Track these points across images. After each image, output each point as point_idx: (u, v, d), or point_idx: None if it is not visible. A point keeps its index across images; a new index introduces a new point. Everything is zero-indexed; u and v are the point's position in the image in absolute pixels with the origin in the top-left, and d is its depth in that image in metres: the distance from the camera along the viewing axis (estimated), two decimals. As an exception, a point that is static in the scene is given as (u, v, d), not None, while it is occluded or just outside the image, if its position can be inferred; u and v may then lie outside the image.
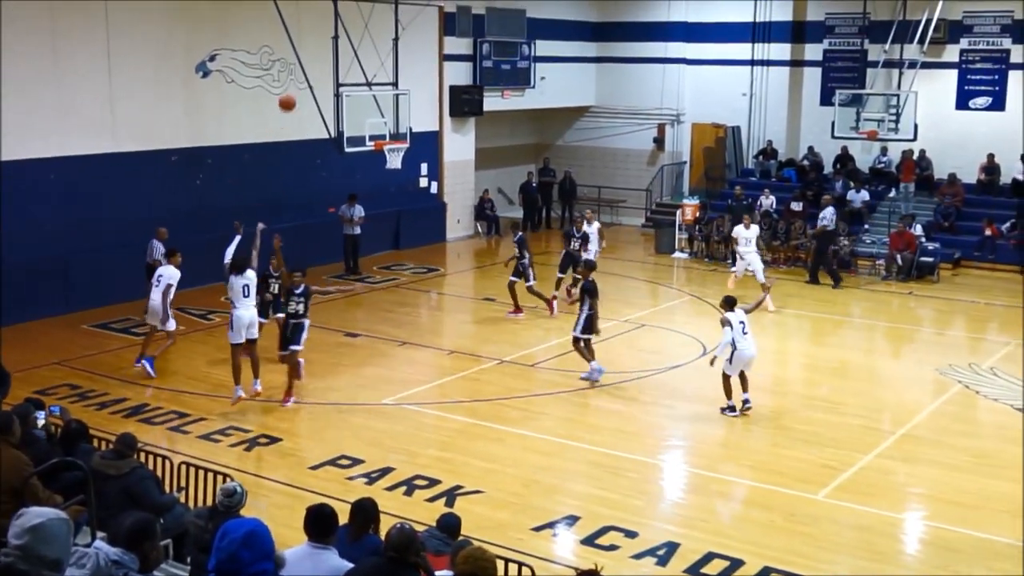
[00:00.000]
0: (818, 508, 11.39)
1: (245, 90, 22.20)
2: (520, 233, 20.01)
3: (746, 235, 21.52)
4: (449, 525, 7.83)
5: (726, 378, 14.25)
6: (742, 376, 14.33)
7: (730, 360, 14.15)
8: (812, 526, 10.98)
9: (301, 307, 14.38)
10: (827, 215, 22.91)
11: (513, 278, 19.44)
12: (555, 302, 19.65)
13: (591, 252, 20.23)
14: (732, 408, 14.21)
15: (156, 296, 15.48)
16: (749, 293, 18.99)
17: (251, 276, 14.01)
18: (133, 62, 19.97)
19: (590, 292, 15.80)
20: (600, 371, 15.63)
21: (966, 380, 16.02)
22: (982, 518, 10.91)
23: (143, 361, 15.54)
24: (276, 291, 15.90)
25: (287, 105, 18.30)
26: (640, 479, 12.23)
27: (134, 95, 20.09)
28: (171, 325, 15.76)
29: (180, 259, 15.74)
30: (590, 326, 15.68)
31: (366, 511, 7.27)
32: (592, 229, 20.95)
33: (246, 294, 13.93)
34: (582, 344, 15.71)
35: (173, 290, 15.59)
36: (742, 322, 14.21)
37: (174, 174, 21.09)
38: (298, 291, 14.39)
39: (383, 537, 6.42)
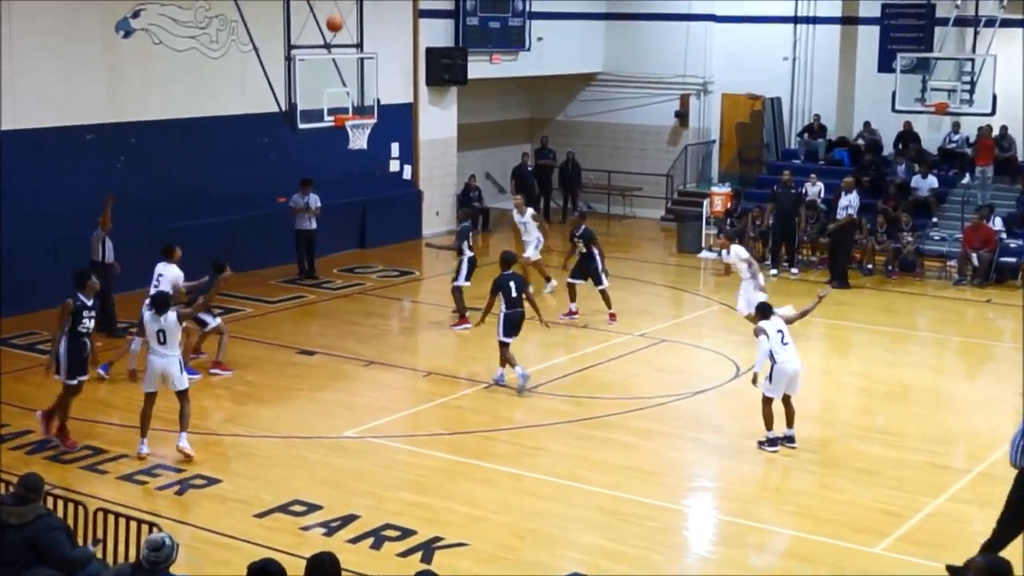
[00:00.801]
0: (876, 563, 11.40)
1: (176, 53, 22.20)
2: (466, 223, 20.48)
3: None
4: None
5: (767, 402, 14.25)
6: (787, 404, 14.33)
7: (770, 378, 14.18)
8: (869, 585, 11.02)
9: (91, 324, 14.05)
10: (851, 202, 23.31)
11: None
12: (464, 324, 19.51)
13: (531, 246, 20.95)
14: (772, 442, 14.22)
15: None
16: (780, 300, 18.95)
17: (172, 320, 13.63)
18: (36, 19, 19.96)
19: (502, 288, 16.56)
20: (524, 376, 16.11)
21: (1056, 406, 16.07)
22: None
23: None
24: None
25: (335, 26, 19.31)
26: (659, 528, 12.23)
27: (38, 60, 20.07)
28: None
29: (180, 254, 16.47)
30: (509, 327, 16.45)
31: (324, 568, 7.27)
32: (526, 218, 21.42)
33: (161, 340, 13.67)
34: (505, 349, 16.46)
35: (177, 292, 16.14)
36: (780, 331, 14.27)
37: (89, 156, 21.07)
38: (90, 303, 14.02)
39: None
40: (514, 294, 16.56)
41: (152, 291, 15.65)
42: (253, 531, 11.81)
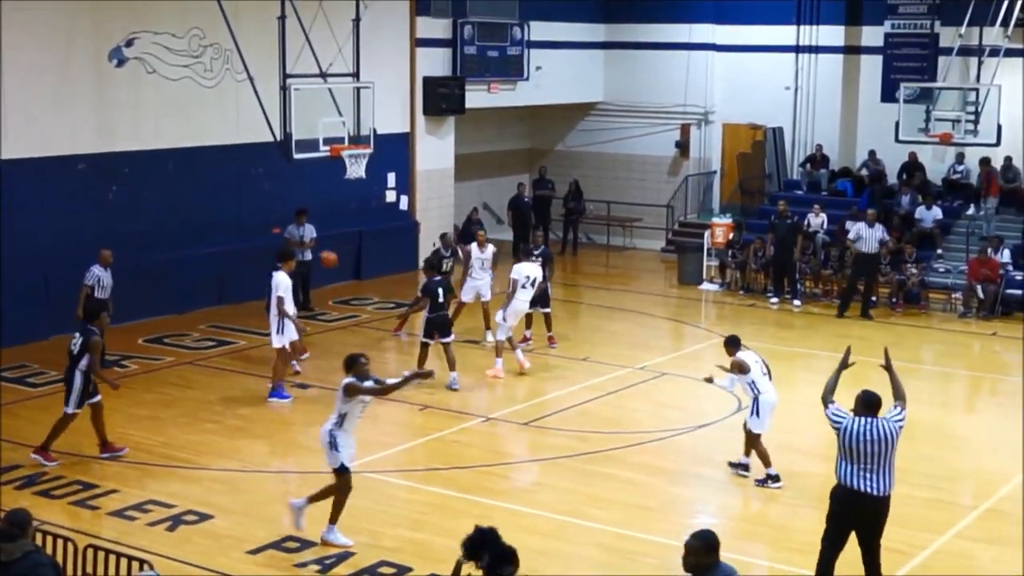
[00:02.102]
0: (882, 602, 11.36)
1: (170, 82, 22.27)
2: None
3: None
4: None
5: (755, 439, 14.35)
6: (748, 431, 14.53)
7: (757, 413, 14.29)
8: (875, 625, 10.96)
9: None
10: (876, 235, 23.48)
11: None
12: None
13: (486, 286, 20.84)
14: (775, 478, 14.21)
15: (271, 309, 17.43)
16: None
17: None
18: (29, 46, 20.02)
19: (431, 292, 18.17)
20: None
21: (1064, 442, 16.05)
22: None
23: (273, 396, 17.08)
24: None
25: (329, 262, 20.67)
26: (661, 566, 12.17)
27: (30, 89, 20.12)
28: (283, 340, 17.35)
29: (294, 266, 18.06)
30: (430, 328, 18.17)
31: None
32: (486, 254, 20.87)
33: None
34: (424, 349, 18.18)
35: (287, 301, 17.32)
36: (759, 361, 14.52)
37: (81, 186, 21.10)
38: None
39: None
40: (441, 299, 18.16)
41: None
42: (246, 568, 11.78)
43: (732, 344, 14.70)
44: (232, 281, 22.54)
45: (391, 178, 27.04)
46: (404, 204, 27.57)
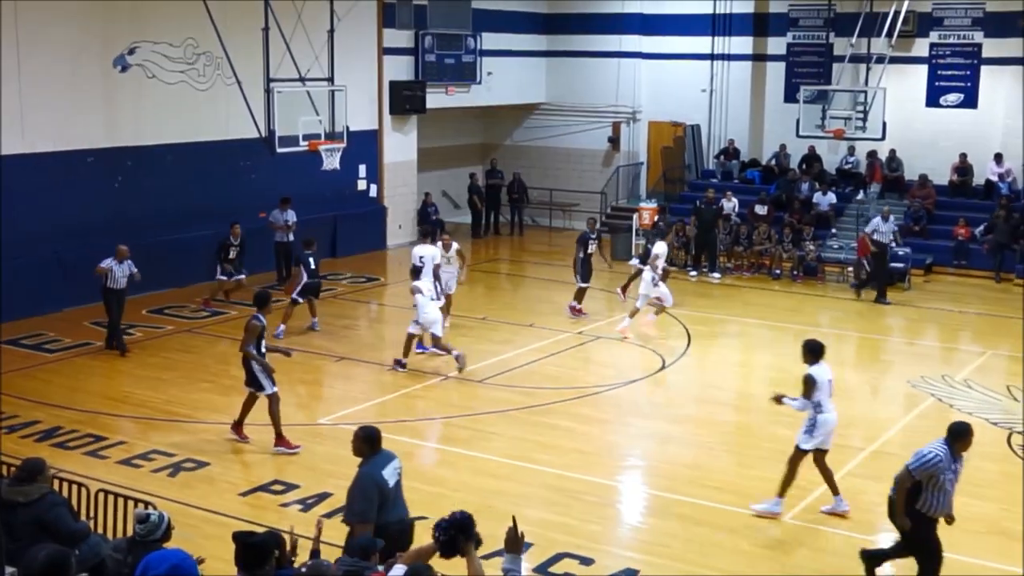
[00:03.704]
0: (786, 531, 11.48)
1: (168, 86, 21.99)
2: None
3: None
4: (360, 547, 7.49)
5: (800, 456, 11.74)
6: (820, 465, 11.82)
7: (812, 431, 11.63)
8: (779, 550, 11.06)
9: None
10: (889, 227, 22.94)
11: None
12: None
13: (453, 279, 19.37)
14: (776, 503, 11.86)
15: (424, 280, 16.99)
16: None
17: None
18: (44, 54, 19.71)
19: (303, 262, 18.71)
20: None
21: (939, 393, 16.24)
22: (962, 541, 10.87)
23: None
24: None
25: None
26: (599, 503, 12.25)
27: (46, 91, 19.81)
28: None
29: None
30: (304, 291, 18.63)
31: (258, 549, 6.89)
32: (451, 253, 19.32)
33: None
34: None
35: (441, 268, 17.86)
36: (831, 380, 11.70)
37: (90, 177, 20.82)
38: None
39: None
40: (312, 267, 18.78)
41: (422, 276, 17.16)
42: (239, 508, 11.73)
43: (812, 352, 11.64)
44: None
45: (362, 169, 26.87)
46: (373, 192, 27.41)
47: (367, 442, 8.59)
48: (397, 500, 8.71)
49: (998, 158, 26.38)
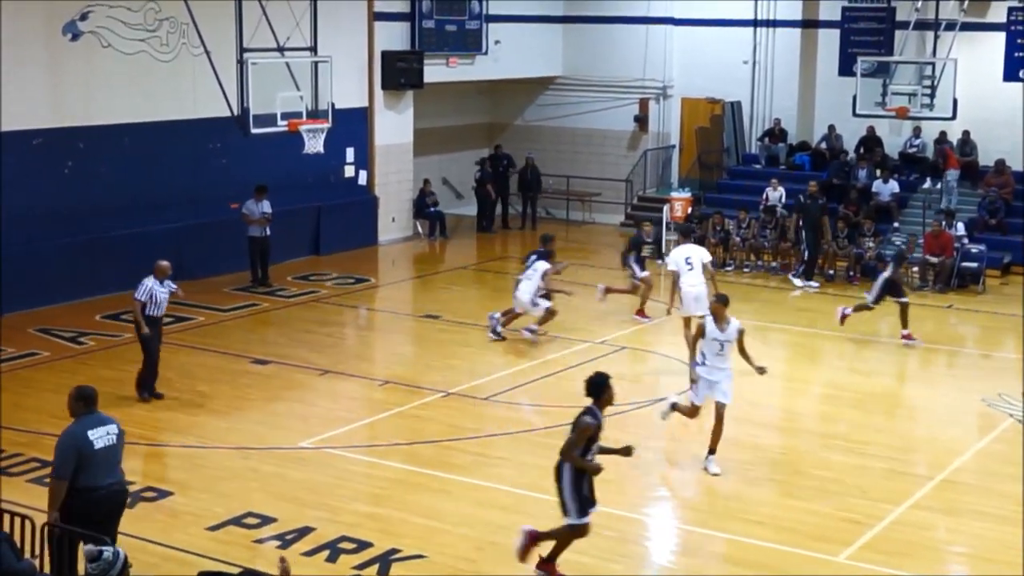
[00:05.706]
0: (840, 572, 11.46)
1: (126, 56, 22.06)
2: None
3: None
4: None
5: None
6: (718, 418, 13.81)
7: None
8: (832, 595, 11.07)
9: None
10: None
11: None
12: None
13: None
14: None
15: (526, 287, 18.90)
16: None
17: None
18: (-17, 21, 19.80)
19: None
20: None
21: (1018, 413, 16.22)
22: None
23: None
24: None
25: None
26: (620, 539, 12.24)
27: (-16, 62, 19.91)
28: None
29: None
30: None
31: None
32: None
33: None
34: None
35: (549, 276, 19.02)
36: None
37: (36, 161, 20.88)
38: None
39: None
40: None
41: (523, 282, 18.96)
42: (206, 544, 11.74)
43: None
44: (189, 257, 22.34)
45: (350, 153, 26.92)
46: (363, 179, 27.46)
47: (80, 400, 9.95)
48: (104, 465, 9.93)
49: (1087, 140, 26.36)
